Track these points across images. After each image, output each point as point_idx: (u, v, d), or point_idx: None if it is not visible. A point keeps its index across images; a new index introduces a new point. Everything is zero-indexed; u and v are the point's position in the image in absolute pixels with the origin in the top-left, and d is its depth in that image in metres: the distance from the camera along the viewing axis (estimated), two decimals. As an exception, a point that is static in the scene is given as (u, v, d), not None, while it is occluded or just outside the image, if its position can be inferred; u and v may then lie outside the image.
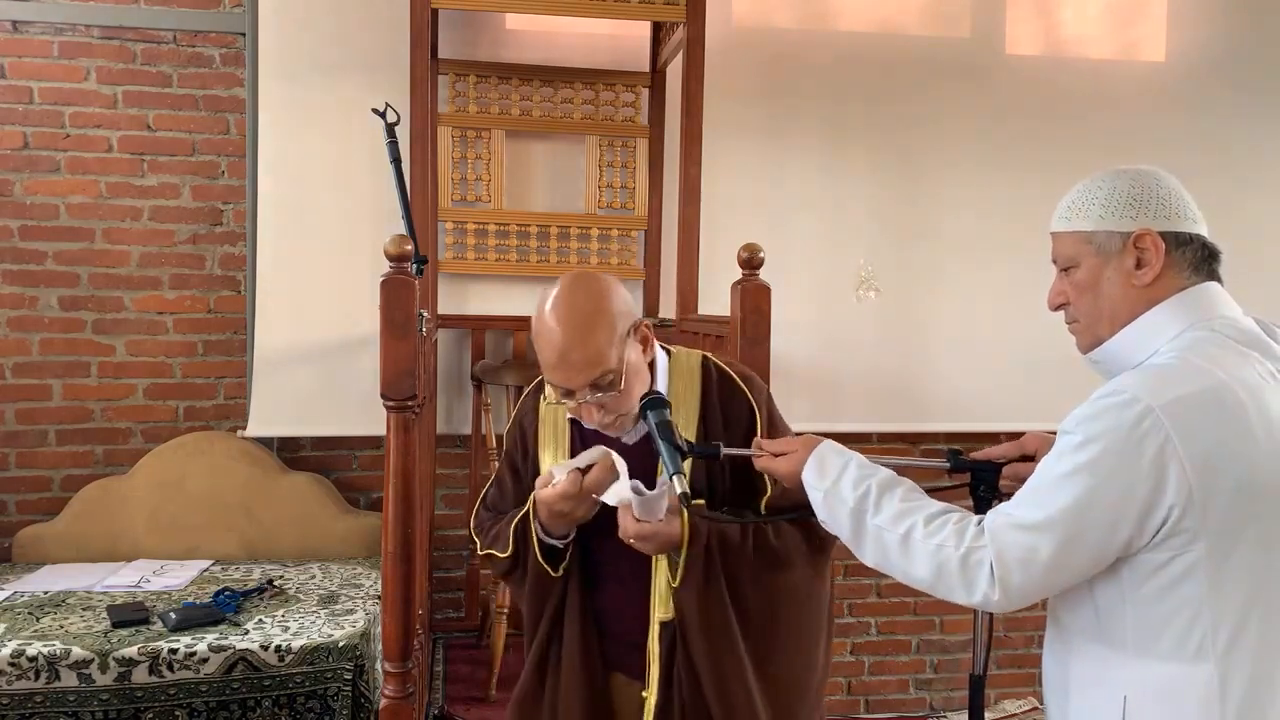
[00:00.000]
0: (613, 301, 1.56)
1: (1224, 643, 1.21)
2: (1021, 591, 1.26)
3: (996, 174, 3.52)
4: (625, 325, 1.57)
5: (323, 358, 3.14)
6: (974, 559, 1.27)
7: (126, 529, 3.04)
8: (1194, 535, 1.19)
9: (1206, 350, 1.25)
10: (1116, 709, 1.26)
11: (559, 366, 1.54)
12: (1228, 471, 1.19)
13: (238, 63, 3.22)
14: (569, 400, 1.57)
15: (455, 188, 3.26)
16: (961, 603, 1.30)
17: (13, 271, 3.16)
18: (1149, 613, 1.24)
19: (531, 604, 1.71)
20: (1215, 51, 3.65)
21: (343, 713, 2.38)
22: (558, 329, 1.52)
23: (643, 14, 2.89)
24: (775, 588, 1.63)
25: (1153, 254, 1.31)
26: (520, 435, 1.78)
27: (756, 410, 1.69)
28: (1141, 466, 1.19)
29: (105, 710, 2.30)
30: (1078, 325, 1.41)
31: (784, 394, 2.04)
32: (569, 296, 1.55)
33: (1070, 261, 1.38)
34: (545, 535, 1.63)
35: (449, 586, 3.45)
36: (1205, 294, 1.32)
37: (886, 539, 1.35)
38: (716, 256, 2.79)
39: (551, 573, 1.65)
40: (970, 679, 1.54)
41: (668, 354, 1.73)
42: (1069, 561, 1.24)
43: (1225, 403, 1.21)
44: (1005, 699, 3.65)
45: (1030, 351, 3.50)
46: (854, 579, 3.69)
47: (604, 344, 1.53)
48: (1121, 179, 1.35)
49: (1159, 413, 1.19)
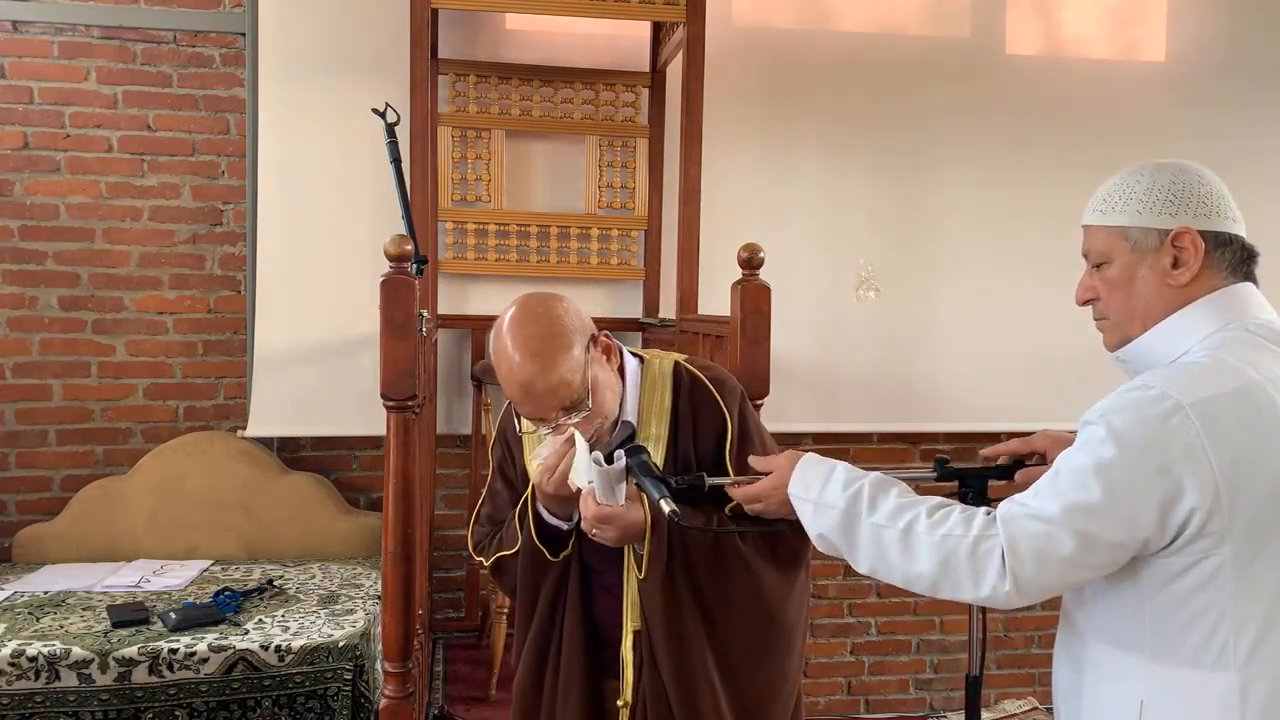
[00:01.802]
0: (566, 322, 1.54)
1: (1246, 650, 1.17)
2: (1034, 584, 1.21)
3: (997, 174, 3.52)
4: (583, 342, 1.55)
5: (323, 358, 3.14)
6: (984, 548, 1.22)
7: (126, 529, 3.04)
8: (1219, 539, 1.15)
9: (1239, 350, 1.21)
10: (1133, 715, 1.23)
11: (525, 400, 1.54)
12: (1258, 474, 1.15)
13: (238, 63, 3.23)
14: (543, 426, 1.57)
15: (455, 188, 3.26)
16: (968, 598, 1.25)
17: (13, 271, 3.16)
18: (1169, 617, 1.20)
19: (525, 586, 1.70)
20: (1215, 51, 3.64)
21: (343, 713, 2.38)
22: (516, 360, 1.51)
23: (643, 14, 2.89)
24: (741, 589, 1.62)
25: (1191, 254, 1.26)
26: (507, 446, 1.79)
27: (728, 416, 1.67)
28: (1167, 465, 1.15)
29: (105, 710, 2.30)
30: (1106, 322, 1.36)
31: (784, 394, 2.04)
32: (521, 327, 1.53)
33: (1103, 257, 1.32)
34: (549, 516, 1.63)
35: (449, 586, 3.45)
36: (1240, 294, 1.28)
37: (885, 536, 1.30)
38: (716, 256, 2.78)
39: (549, 555, 1.65)
40: (966, 679, 1.54)
41: (640, 360, 1.71)
42: (1085, 557, 1.19)
43: (1259, 403, 1.17)
44: (1005, 699, 3.65)
45: (1030, 351, 3.51)
46: (854, 579, 3.69)
47: (566, 369, 1.51)
48: (1162, 173, 1.30)
49: (1188, 410, 1.15)
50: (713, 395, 1.68)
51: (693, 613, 1.60)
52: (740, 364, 2.14)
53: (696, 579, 1.60)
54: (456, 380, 3.33)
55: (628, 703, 1.63)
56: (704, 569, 1.60)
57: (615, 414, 1.61)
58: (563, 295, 1.61)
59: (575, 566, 1.68)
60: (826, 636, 3.69)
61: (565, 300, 1.59)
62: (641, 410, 1.66)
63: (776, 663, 1.67)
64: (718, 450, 1.65)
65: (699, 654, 1.59)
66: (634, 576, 1.61)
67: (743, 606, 1.62)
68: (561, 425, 1.54)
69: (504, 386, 1.56)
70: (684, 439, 1.64)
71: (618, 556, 1.64)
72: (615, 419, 1.62)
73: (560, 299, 1.59)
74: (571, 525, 1.64)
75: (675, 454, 1.65)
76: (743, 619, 1.63)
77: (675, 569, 1.58)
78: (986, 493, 1.44)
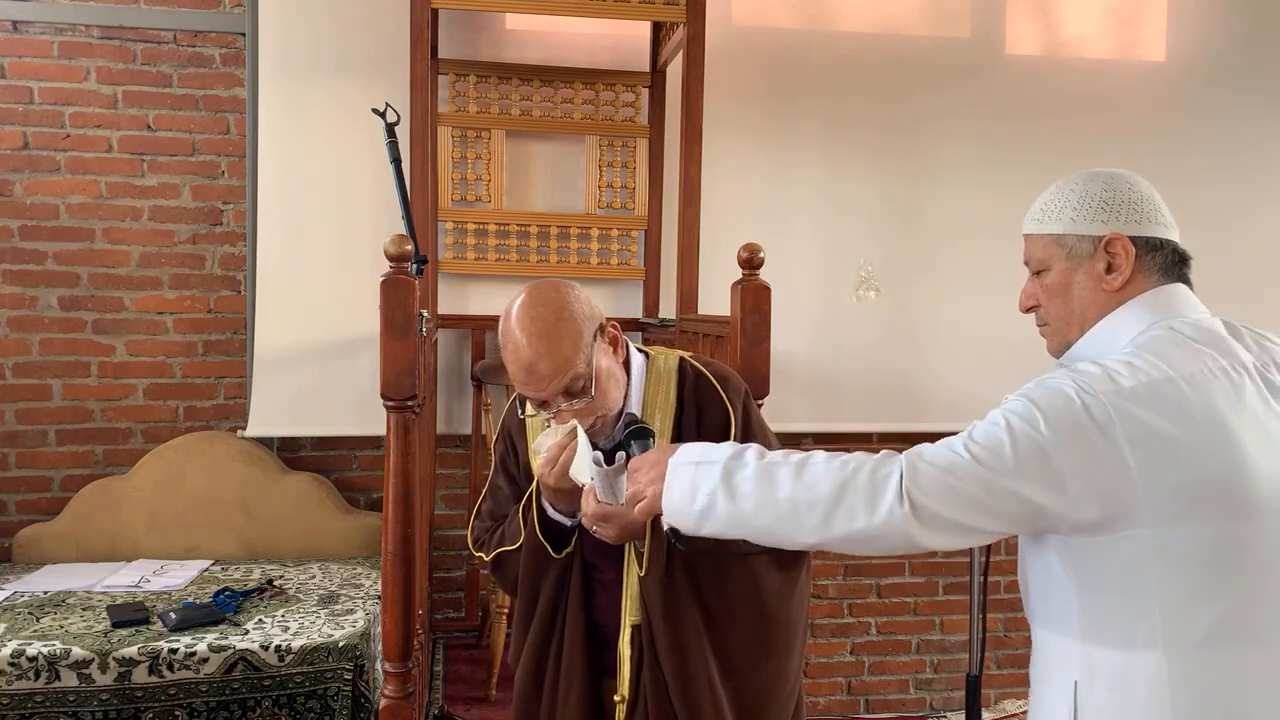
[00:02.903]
0: (575, 307, 1.57)
1: (1172, 632, 1.20)
2: (927, 509, 1.19)
3: (996, 173, 3.51)
4: (591, 329, 1.57)
5: (323, 358, 3.14)
6: (882, 472, 1.23)
7: (126, 529, 3.04)
8: (1134, 522, 1.18)
9: (1159, 347, 1.25)
10: (1068, 696, 1.26)
11: (528, 380, 1.54)
12: (1169, 461, 1.17)
13: (238, 63, 3.23)
14: (545, 411, 1.58)
15: (455, 188, 3.26)
16: (861, 527, 1.22)
17: (13, 271, 3.16)
18: (1096, 600, 1.24)
19: (526, 582, 1.70)
20: (1215, 51, 3.64)
21: (343, 713, 2.38)
22: (523, 341, 1.53)
23: (643, 14, 2.89)
24: (742, 587, 1.62)
25: (1123, 259, 1.30)
26: (510, 443, 1.79)
27: (732, 412, 1.68)
28: (1079, 433, 1.18)
29: (105, 710, 2.30)
30: (1048, 329, 1.41)
31: (784, 394, 2.04)
32: (530, 308, 1.55)
33: (1042, 264, 1.37)
34: (553, 511, 1.63)
35: (449, 586, 3.45)
36: (1169, 294, 1.31)
37: (779, 474, 1.27)
38: (716, 256, 2.78)
39: (552, 552, 1.65)
40: (967, 679, 1.54)
41: (645, 356, 1.72)
42: (982, 495, 1.19)
43: (1167, 396, 1.20)
44: (1005, 699, 3.65)
45: (1030, 351, 3.49)
46: (854, 579, 3.69)
47: (570, 351, 1.53)
48: (1094, 182, 1.34)
49: (1101, 398, 1.19)
50: (717, 391, 1.69)
51: (693, 610, 1.60)
52: (740, 364, 2.15)
53: (697, 577, 1.60)
54: (456, 380, 3.33)
55: (624, 698, 1.63)
56: (705, 567, 1.60)
57: (618, 406, 1.62)
58: (574, 283, 1.63)
59: (577, 564, 1.68)
60: (826, 636, 3.69)
61: (576, 287, 1.61)
62: (646, 405, 1.67)
63: (776, 661, 1.67)
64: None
65: (699, 651, 1.60)
66: (634, 573, 1.62)
67: (743, 604, 1.63)
68: (564, 411, 1.55)
69: (509, 368, 1.57)
70: (688, 434, 1.65)
71: (619, 554, 1.64)
72: (619, 412, 1.62)
73: (571, 286, 1.61)
74: (574, 522, 1.64)
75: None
76: (743, 617, 1.63)
77: (675, 566, 1.59)
78: None
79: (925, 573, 3.72)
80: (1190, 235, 1.36)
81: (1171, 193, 1.37)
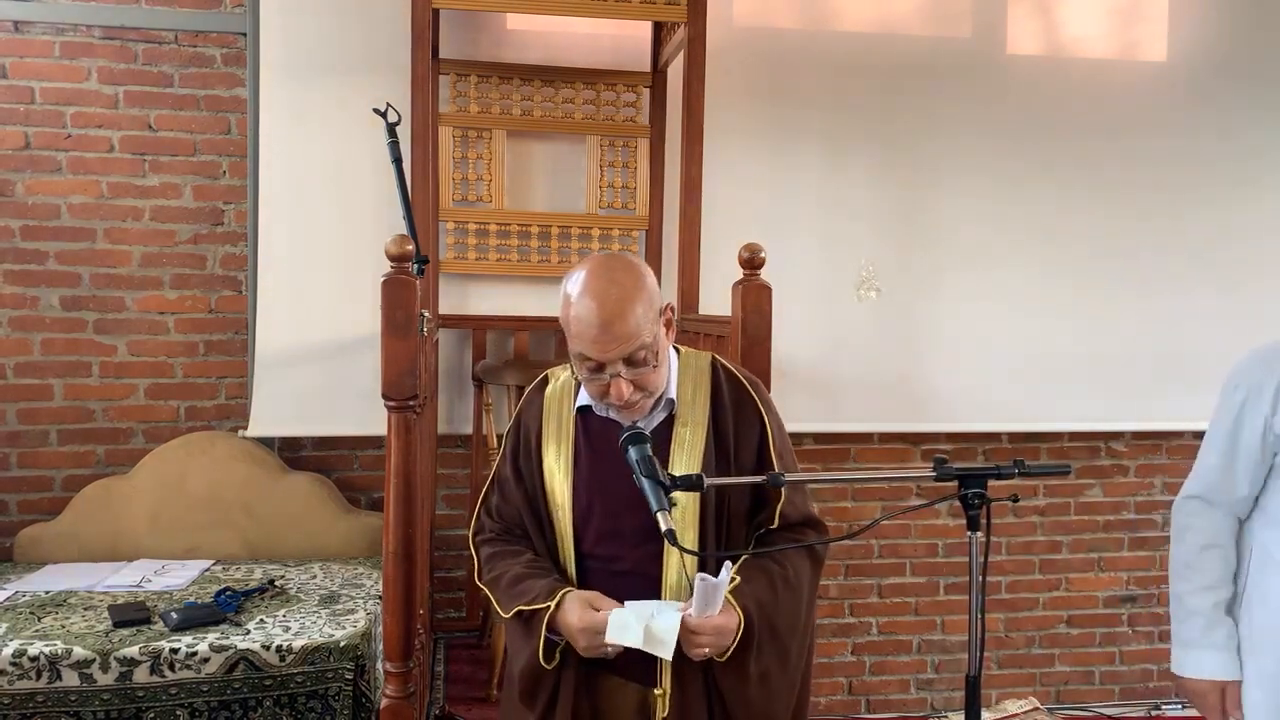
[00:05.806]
0: (649, 280, 1.61)
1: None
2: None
3: (997, 173, 3.52)
4: (659, 305, 1.61)
5: (324, 358, 3.14)
6: None
7: (128, 529, 3.04)
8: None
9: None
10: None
11: (599, 338, 1.54)
12: None
13: (239, 63, 3.23)
14: (599, 375, 1.57)
15: (456, 187, 3.27)
16: None
17: (14, 271, 3.16)
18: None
19: (522, 689, 1.68)
20: (1216, 51, 3.64)
21: (344, 713, 2.38)
22: (599, 300, 1.54)
23: (643, 14, 2.89)
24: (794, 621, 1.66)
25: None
26: (524, 433, 1.75)
27: (766, 418, 1.71)
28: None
29: (106, 710, 2.30)
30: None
31: (784, 394, 2.04)
32: (609, 271, 1.58)
33: None
34: (553, 634, 1.61)
35: (450, 586, 3.45)
36: None
37: None
38: (717, 256, 2.78)
39: (545, 664, 1.62)
40: (966, 680, 1.54)
41: (677, 352, 1.75)
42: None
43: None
44: (1006, 699, 3.64)
45: (1030, 351, 3.51)
46: (855, 579, 3.69)
47: (642, 318, 1.55)
48: None
49: None
50: (750, 394, 1.73)
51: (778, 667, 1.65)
52: (741, 364, 2.14)
53: (782, 643, 1.63)
54: (457, 380, 3.33)
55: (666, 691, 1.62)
56: (784, 623, 1.64)
57: (660, 390, 1.65)
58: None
59: (571, 675, 1.65)
60: (827, 636, 3.68)
61: (648, 266, 1.66)
62: (681, 393, 1.69)
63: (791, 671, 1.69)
64: (757, 448, 1.69)
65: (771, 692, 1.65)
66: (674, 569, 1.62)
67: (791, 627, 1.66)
68: (620, 378, 1.56)
69: (576, 325, 1.56)
70: (723, 426, 1.68)
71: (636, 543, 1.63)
72: (660, 396, 1.65)
73: (645, 264, 1.66)
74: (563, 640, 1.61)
75: (716, 439, 1.67)
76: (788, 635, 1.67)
77: (753, 646, 1.60)
78: (986, 491, 1.45)
79: (926, 573, 3.72)
80: (1191, 233, 1.36)
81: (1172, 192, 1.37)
